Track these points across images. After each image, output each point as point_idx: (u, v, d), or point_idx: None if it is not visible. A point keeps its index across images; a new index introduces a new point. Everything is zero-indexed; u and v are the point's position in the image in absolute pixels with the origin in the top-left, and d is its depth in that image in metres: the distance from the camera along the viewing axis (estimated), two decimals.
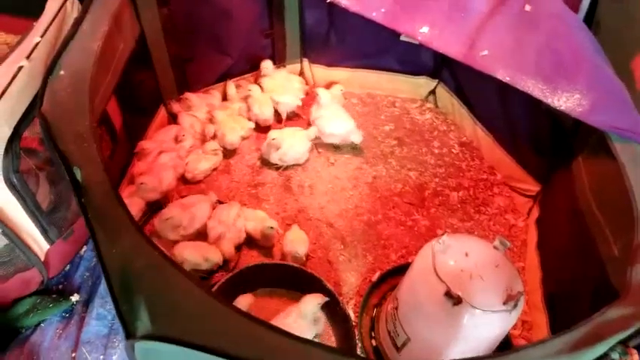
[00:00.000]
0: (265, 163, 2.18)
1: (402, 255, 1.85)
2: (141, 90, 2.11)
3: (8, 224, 1.52)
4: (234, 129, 2.21)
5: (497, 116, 2.09)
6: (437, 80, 2.43)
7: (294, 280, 1.67)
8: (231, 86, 2.38)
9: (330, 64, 2.48)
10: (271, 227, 1.79)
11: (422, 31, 1.67)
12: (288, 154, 2.12)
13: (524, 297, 1.29)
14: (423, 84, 2.46)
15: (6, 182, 1.45)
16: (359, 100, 2.49)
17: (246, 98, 2.33)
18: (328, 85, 2.43)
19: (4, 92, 1.40)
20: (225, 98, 2.39)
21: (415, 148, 2.25)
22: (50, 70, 1.40)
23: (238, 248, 1.83)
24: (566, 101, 1.47)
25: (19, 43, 1.54)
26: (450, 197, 2.05)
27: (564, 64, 1.48)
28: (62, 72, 1.39)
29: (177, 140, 2.16)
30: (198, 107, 2.27)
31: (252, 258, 1.84)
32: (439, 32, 1.65)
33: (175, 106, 2.27)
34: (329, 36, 2.38)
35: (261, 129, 2.31)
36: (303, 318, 1.51)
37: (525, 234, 1.93)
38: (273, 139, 2.09)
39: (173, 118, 2.29)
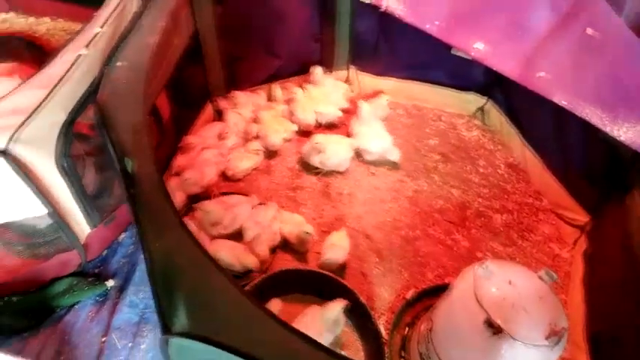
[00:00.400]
0: (305, 167, 2.18)
1: (439, 275, 1.80)
2: (190, 85, 2.15)
3: (55, 206, 1.56)
4: (278, 131, 2.23)
5: (549, 140, 2.02)
6: (486, 97, 2.38)
7: (326, 289, 1.66)
8: (277, 88, 2.40)
9: (377, 73, 2.46)
10: (307, 232, 1.79)
11: (476, 47, 1.64)
12: (330, 160, 2.11)
13: (567, 333, 1.24)
14: (472, 100, 2.41)
15: (57, 165, 1.49)
16: (404, 111, 2.46)
17: (290, 101, 2.34)
18: (374, 94, 2.42)
19: (62, 78, 1.46)
20: (270, 99, 2.41)
21: (459, 165, 2.21)
22: (109, 60, 1.44)
23: (273, 250, 1.84)
24: (626, 132, 1.41)
25: (79, 32, 1.59)
26: (493, 219, 2.00)
27: (627, 92, 1.42)
28: (120, 63, 1.43)
29: (220, 137, 2.19)
30: (244, 106, 2.29)
31: (285, 261, 1.84)
32: (494, 49, 1.61)
33: (222, 103, 2.30)
34: (378, 44, 2.36)
35: (304, 132, 2.32)
36: (325, 322, 1.50)
37: (570, 266, 1.86)
38: (317, 143, 2.09)
39: (219, 115, 2.32)
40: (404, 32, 2.13)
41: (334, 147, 2.12)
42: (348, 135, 2.24)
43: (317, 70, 2.37)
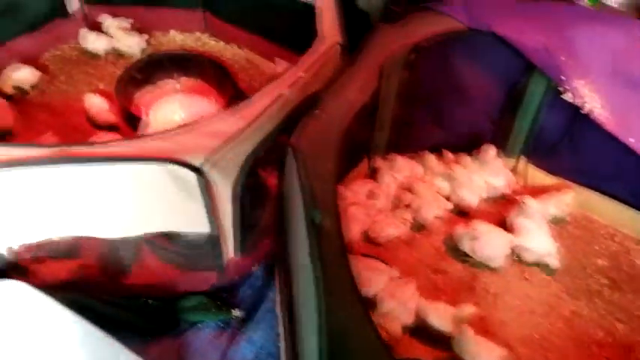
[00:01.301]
0: (453, 250, 2.08)
1: None
2: (354, 138, 2.18)
3: (218, 228, 1.64)
4: (431, 205, 2.16)
5: None
6: None
7: None
8: (438, 159, 2.35)
9: (550, 171, 2.31)
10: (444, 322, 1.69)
11: None
12: (483, 250, 1.99)
13: None
14: None
15: (232, 192, 1.57)
16: (573, 219, 2.26)
17: (450, 177, 2.27)
18: (541, 191, 2.26)
19: (261, 113, 1.54)
20: (429, 169, 2.36)
21: (630, 298, 1.95)
22: (308, 105, 1.50)
23: (405, 330, 1.75)
24: None
25: (284, 72, 1.69)
26: None
27: None
28: (318, 112, 1.48)
29: (370, 196, 2.18)
30: (400, 170, 2.27)
31: (415, 346, 1.73)
32: None
33: (379, 163, 2.30)
34: (560, 143, 2.22)
35: (458, 211, 2.23)
36: None
37: None
38: (474, 228, 2.00)
39: (372, 173, 2.32)
40: (594, 137, 2.00)
41: (491, 237, 2.00)
42: (506, 228, 2.11)
43: (490, 150, 2.28)
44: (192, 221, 1.62)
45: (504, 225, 2.12)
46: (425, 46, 1.75)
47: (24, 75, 2.56)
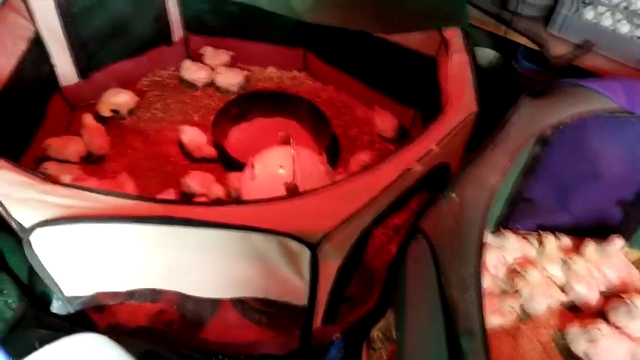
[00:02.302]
0: (564, 351, 1.84)
1: None
2: None
3: (316, 302, 1.51)
4: (543, 295, 1.93)
5: None
6: None
7: None
8: (554, 243, 2.11)
9: None
10: None
11: None
12: (601, 356, 1.74)
13: None
14: None
15: (339, 268, 1.45)
16: None
17: (567, 264, 2.03)
18: None
19: (386, 188, 1.40)
20: (544, 253, 2.13)
21: None
22: (443, 187, 1.35)
23: None
24: None
25: (410, 143, 1.54)
26: None
27: None
28: (453, 194, 1.32)
29: None
30: (510, 250, 2.06)
31: None
32: None
33: (487, 237, 2.10)
34: None
35: (574, 307, 1.98)
36: None
37: None
38: (592, 329, 1.76)
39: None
40: None
41: (612, 342, 1.76)
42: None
43: (617, 243, 2.03)
44: (290, 293, 1.50)
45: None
46: (568, 123, 1.56)
47: (123, 100, 2.58)
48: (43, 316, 1.74)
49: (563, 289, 2.01)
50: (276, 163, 1.73)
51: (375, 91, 2.70)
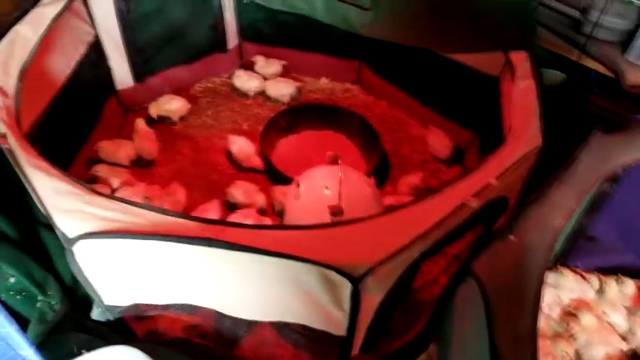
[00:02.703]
0: None
1: None
2: None
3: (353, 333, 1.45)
4: (602, 342, 1.78)
5: None
6: None
7: None
8: (613, 285, 1.95)
9: None
10: None
11: None
12: None
13: None
14: None
15: (381, 302, 1.38)
16: None
17: (630, 311, 1.87)
18: None
19: (440, 222, 1.32)
20: (604, 297, 1.97)
21: None
22: (500, 226, 1.26)
23: None
24: None
25: (465, 176, 1.45)
26: None
27: None
28: (512, 236, 1.23)
29: None
30: (567, 290, 1.92)
31: None
32: None
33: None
34: None
35: (634, 356, 1.81)
36: None
37: None
38: None
39: None
40: None
41: None
42: None
43: None
44: (328, 322, 1.45)
45: None
46: None
47: (175, 107, 2.61)
48: (82, 319, 1.76)
49: (624, 337, 1.85)
50: (322, 184, 1.68)
51: (431, 109, 2.61)
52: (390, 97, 2.81)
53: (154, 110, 2.60)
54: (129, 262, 1.38)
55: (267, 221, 2.09)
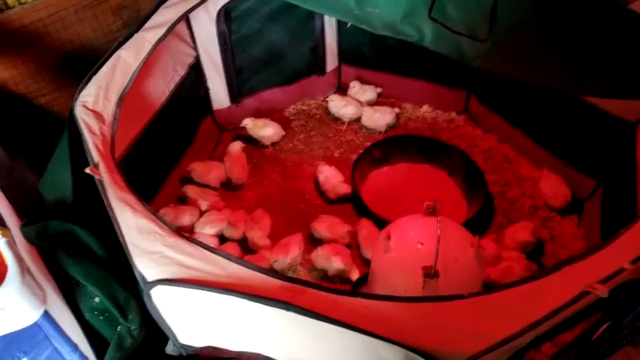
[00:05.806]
0: None
1: None
2: None
3: None
4: None
5: None
6: None
7: None
8: None
9: None
10: None
11: None
12: None
13: None
14: None
15: None
16: None
17: None
18: None
19: (551, 313, 1.14)
20: None
21: None
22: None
23: None
24: None
25: (592, 252, 1.25)
26: None
27: None
28: None
29: None
30: None
31: None
32: None
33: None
34: None
35: None
36: None
37: None
38: None
39: None
40: None
41: None
42: None
43: None
44: None
45: None
46: None
47: (269, 133, 2.60)
48: (157, 352, 1.77)
49: None
50: (416, 238, 1.54)
51: (547, 150, 2.35)
52: (501, 132, 2.58)
53: (251, 132, 2.60)
54: (204, 309, 1.35)
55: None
